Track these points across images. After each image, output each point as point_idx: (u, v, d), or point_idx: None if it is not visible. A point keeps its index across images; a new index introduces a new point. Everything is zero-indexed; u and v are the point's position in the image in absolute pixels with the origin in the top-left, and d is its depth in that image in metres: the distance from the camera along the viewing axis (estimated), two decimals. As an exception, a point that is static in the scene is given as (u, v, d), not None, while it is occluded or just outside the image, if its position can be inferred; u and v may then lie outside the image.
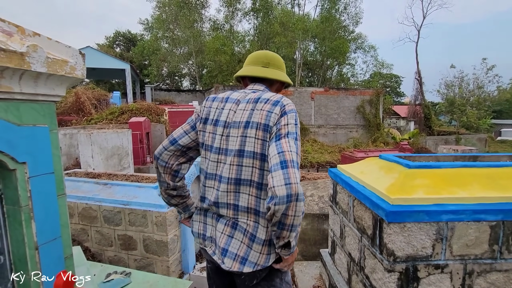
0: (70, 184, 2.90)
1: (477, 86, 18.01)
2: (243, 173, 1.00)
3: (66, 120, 8.76)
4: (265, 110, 1.00)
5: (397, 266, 1.29)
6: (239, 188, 1.02)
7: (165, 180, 1.16)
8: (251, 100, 1.05)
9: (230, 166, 1.02)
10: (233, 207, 1.03)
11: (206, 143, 1.10)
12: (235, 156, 1.01)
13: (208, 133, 1.10)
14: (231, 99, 1.10)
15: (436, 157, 1.89)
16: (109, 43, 27.89)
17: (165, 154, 1.13)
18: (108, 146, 4.93)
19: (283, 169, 0.87)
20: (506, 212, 1.26)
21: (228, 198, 1.03)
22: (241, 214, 1.03)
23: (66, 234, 1.17)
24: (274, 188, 0.84)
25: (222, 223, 1.06)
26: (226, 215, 1.05)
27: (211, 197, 1.08)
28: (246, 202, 1.02)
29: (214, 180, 1.08)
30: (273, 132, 0.97)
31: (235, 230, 1.02)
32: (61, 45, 1.08)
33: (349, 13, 21.54)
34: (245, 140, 1.00)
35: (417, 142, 13.51)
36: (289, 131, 0.95)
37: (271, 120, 0.98)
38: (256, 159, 0.99)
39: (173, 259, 2.49)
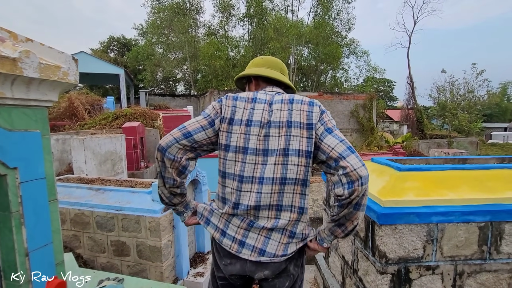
0: (62, 189, 2.86)
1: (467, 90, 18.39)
2: (289, 172, 1.01)
3: (59, 125, 8.65)
4: (304, 110, 1.03)
5: (389, 268, 1.30)
6: (284, 187, 1.02)
7: (172, 175, 1.05)
8: (285, 101, 1.06)
9: (274, 165, 1.01)
10: (276, 207, 1.03)
11: (237, 145, 1.04)
12: (280, 156, 1.01)
13: (239, 134, 1.04)
14: (260, 99, 1.08)
15: (426, 160, 1.92)
16: (103, 48, 27.76)
17: (175, 147, 1.02)
18: (101, 151, 4.88)
19: (353, 153, 0.95)
20: (493, 213, 1.29)
21: (271, 199, 1.01)
22: (283, 214, 1.03)
23: (57, 240, 1.16)
24: (356, 170, 0.91)
25: (258, 227, 1.03)
26: (267, 216, 1.03)
27: (249, 201, 1.02)
28: (290, 201, 1.03)
29: (252, 183, 1.02)
30: (319, 128, 1.02)
31: (272, 231, 1.03)
32: (54, 51, 1.08)
33: (342, 19, 21.92)
34: (289, 138, 1.01)
35: (410, 145, 13.68)
36: (334, 125, 1.04)
37: (314, 118, 1.02)
38: (302, 156, 1.01)
39: (167, 265, 2.46)
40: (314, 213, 2.89)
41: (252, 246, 1.03)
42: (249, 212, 1.03)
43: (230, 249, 1.05)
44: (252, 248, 1.03)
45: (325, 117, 1.04)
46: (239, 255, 1.04)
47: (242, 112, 1.06)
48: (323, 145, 0.99)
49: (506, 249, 1.32)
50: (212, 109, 1.09)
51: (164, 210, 2.48)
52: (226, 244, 1.05)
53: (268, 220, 1.03)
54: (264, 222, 1.03)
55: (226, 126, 1.06)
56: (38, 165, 1.06)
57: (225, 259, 1.07)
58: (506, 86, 35.10)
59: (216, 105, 1.09)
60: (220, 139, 1.07)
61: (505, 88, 35.09)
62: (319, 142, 1.01)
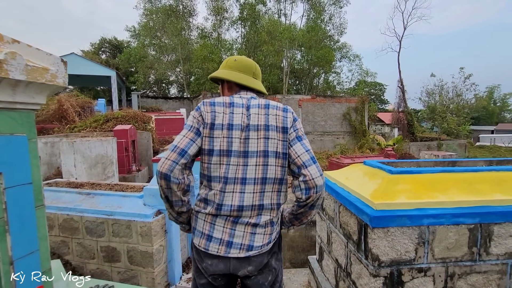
0: (50, 194, 2.79)
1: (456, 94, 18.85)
2: (269, 172, 1.09)
3: (47, 128, 8.46)
4: (279, 115, 1.13)
5: (382, 271, 1.31)
6: (265, 187, 1.10)
7: (180, 198, 1.08)
8: (261, 106, 1.14)
9: (256, 166, 1.08)
10: (258, 207, 1.10)
11: (221, 148, 1.08)
12: (261, 157, 1.09)
13: (221, 137, 1.08)
14: (237, 103, 1.14)
15: (417, 163, 1.95)
16: (95, 49, 27.40)
17: (177, 170, 1.03)
18: (91, 154, 4.79)
19: (315, 163, 1.09)
20: (482, 215, 1.31)
21: (254, 199, 1.09)
22: (265, 212, 1.12)
23: (44, 247, 1.12)
24: (314, 179, 1.05)
25: (243, 222, 1.09)
26: (250, 215, 1.09)
27: (233, 201, 1.07)
28: (270, 199, 1.12)
29: (235, 184, 1.08)
30: (291, 133, 1.13)
31: (256, 227, 1.10)
32: (41, 53, 1.06)
33: (334, 24, 22.23)
34: (268, 141, 1.09)
35: (401, 148, 13.90)
36: (303, 134, 1.16)
37: (288, 123, 1.13)
38: (279, 157, 1.10)
39: (159, 270, 2.42)
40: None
41: (240, 244, 1.08)
42: (232, 212, 1.08)
43: (218, 252, 1.08)
44: (240, 246, 1.08)
45: (297, 124, 1.15)
46: (228, 256, 1.08)
47: (222, 116, 1.10)
48: (291, 150, 1.11)
49: (495, 251, 1.35)
50: (193, 118, 1.12)
51: (156, 215, 2.44)
52: (213, 249, 1.08)
53: (250, 218, 1.10)
54: (247, 219, 1.10)
55: (208, 131, 1.09)
56: (24, 170, 1.02)
57: (207, 260, 1.10)
58: (492, 90, 36.16)
59: (196, 114, 1.13)
60: (203, 145, 1.09)
61: (491, 92, 36.15)
62: (289, 147, 1.12)
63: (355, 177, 1.76)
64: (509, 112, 41.09)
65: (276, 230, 1.17)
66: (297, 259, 2.90)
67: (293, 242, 2.92)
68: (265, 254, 1.11)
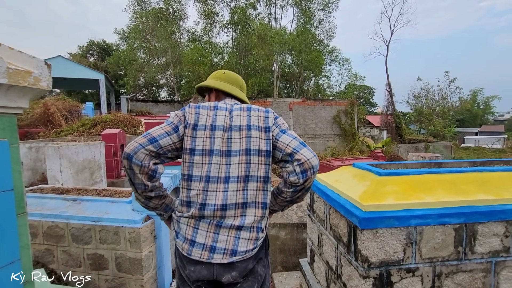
0: (34, 201, 2.70)
1: (441, 97, 19.41)
2: (251, 170, 1.10)
3: (32, 133, 8.21)
4: (261, 116, 1.17)
5: (371, 272, 1.32)
6: (248, 185, 1.10)
7: (142, 181, 1.06)
8: (243, 108, 1.19)
9: (238, 165, 1.10)
10: (241, 205, 1.10)
11: (203, 148, 1.10)
12: (243, 155, 1.10)
13: (203, 138, 1.11)
14: (221, 107, 1.18)
15: (405, 165, 1.99)
16: (83, 52, 26.91)
17: (141, 152, 1.04)
18: (78, 159, 4.67)
19: (305, 146, 1.10)
20: (467, 215, 1.35)
21: (237, 197, 1.09)
22: (249, 211, 1.11)
23: (26, 256, 1.08)
24: (309, 160, 1.05)
25: (227, 226, 1.08)
26: (234, 215, 1.09)
27: (216, 201, 1.08)
28: (254, 197, 1.11)
29: (218, 183, 1.09)
30: (275, 129, 1.16)
31: (240, 230, 1.09)
32: (24, 55, 1.03)
33: (324, 28, 22.59)
34: (250, 140, 1.11)
35: (390, 150, 14.18)
36: (287, 127, 1.19)
37: (270, 122, 1.16)
38: (262, 155, 1.12)
39: (148, 277, 2.37)
40: (298, 218, 2.90)
41: (224, 249, 1.06)
42: (215, 213, 1.07)
43: (201, 257, 1.06)
44: (224, 251, 1.06)
45: (279, 121, 1.19)
46: (211, 261, 1.06)
47: (205, 118, 1.14)
48: (279, 143, 1.12)
49: (480, 249, 1.38)
50: (175, 116, 1.15)
51: (145, 220, 2.39)
52: (195, 254, 1.07)
53: (234, 219, 1.09)
54: (231, 221, 1.08)
55: (190, 131, 1.11)
56: (5, 176, 0.99)
57: (190, 266, 1.09)
58: (476, 93, 37.45)
59: (179, 113, 1.16)
60: (185, 144, 1.11)
61: (475, 95, 37.42)
62: (276, 141, 1.13)
63: (344, 179, 1.78)
64: (492, 114, 42.60)
65: (262, 236, 1.14)
66: (288, 262, 2.89)
67: (285, 245, 2.91)
68: (249, 259, 1.10)
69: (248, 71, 20.94)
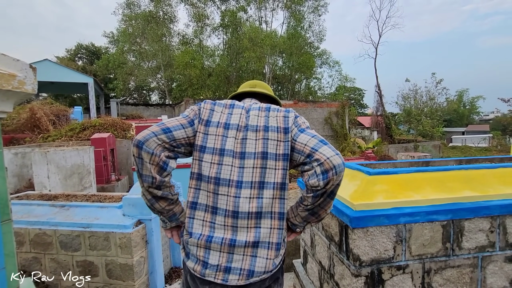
0: (20, 208, 2.62)
1: (429, 98, 19.85)
2: (267, 176, 1.00)
3: (18, 138, 7.99)
4: (280, 116, 1.06)
5: (363, 271, 1.34)
6: (263, 192, 0.99)
7: (151, 172, 0.95)
8: (262, 108, 1.09)
9: (253, 169, 0.99)
10: (255, 215, 0.98)
11: (214, 146, 1.02)
12: (259, 159, 1.00)
13: (215, 135, 1.03)
14: (238, 105, 1.10)
15: (394, 164, 2.03)
16: (71, 56, 26.42)
17: (153, 141, 0.95)
18: (67, 164, 4.57)
19: (326, 144, 0.96)
20: (454, 212, 1.38)
21: (250, 205, 0.98)
22: (264, 222, 1.00)
23: (11, 264, 1.05)
24: (330, 159, 0.91)
25: (241, 245, 0.97)
26: (247, 226, 0.98)
27: (227, 206, 0.98)
28: (269, 207, 1.00)
29: (229, 187, 0.99)
30: (294, 129, 1.04)
31: (257, 248, 0.99)
32: (7, 58, 1.01)
33: (314, 31, 22.86)
34: (267, 142, 1.01)
35: (381, 150, 14.39)
36: (308, 126, 1.08)
37: (289, 122, 1.04)
38: (279, 160, 1.00)
39: (140, 283, 2.33)
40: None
41: (240, 269, 0.97)
42: (227, 220, 0.98)
43: (215, 279, 0.97)
44: (240, 272, 0.97)
45: (299, 120, 1.07)
46: (226, 284, 0.96)
47: (219, 115, 1.06)
48: (297, 144, 1.00)
49: (467, 245, 1.41)
50: (191, 110, 1.09)
51: (136, 225, 2.35)
52: (209, 275, 0.98)
53: (248, 231, 0.98)
54: (244, 235, 0.98)
55: (202, 127, 1.04)
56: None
57: (203, 286, 1.00)
58: (462, 93, 38.51)
59: (194, 108, 1.09)
60: (196, 140, 1.03)
61: (461, 96, 38.48)
62: (293, 142, 1.01)
63: (335, 180, 1.80)
64: (477, 114, 43.89)
65: (282, 254, 1.04)
66: (282, 264, 2.90)
67: (278, 246, 2.91)
68: (266, 279, 1.00)
69: (240, 73, 20.97)
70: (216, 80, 19.68)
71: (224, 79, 20.21)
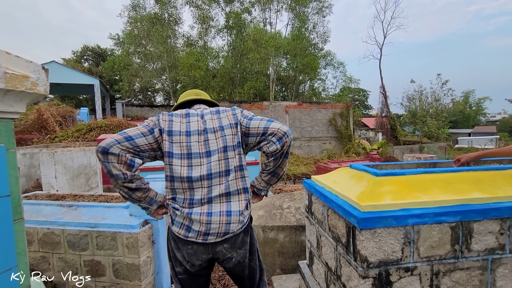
0: (29, 208, 2.66)
1: (434, 99, 19.70)
2: (230, 163, 1.27)
3: (26, 139, 8.11)
4: (230, 115, 1.33)
5: (370, 272, 1.33)
6: (229, 177, 1.26)
7: (121, 170, 1.12)
8: (213, 112, 1.34)
9: (218, 162, 1.25)
10: (225, 195, 1.26)
11: (181, 152, 1.23)
12: (221, 152, 1.26)
13: (179, 143, 1.24)
14: (192, 113, 1.32)
15: (401, 165, 2.01)
16: (77, 57, 26.77)
17: (117, 147, 1.11)
18: (74, 165, 4.63)
19: (273, 121, 1.29)
20: (463, 213, 1.37)
21: (220, 189, 1.24)
22: (233, 198, 1.28)
23: (23, 263, 1.07)
24: (278, 129, 1.25)
25: (217, 215, 1.23)
26: (219, 202, 1.25)
27: (202, 195, 1.23)
28: (235, 186, 1.28)
29: (202, 180, 1.23)
30: (243, 120, 1.32)
31: (230, 216, 1.25)
32: (21, 60, 1.03)
33: (318, 32, 22.83)
34: (226, 138, 1.27)
35: (386, 151, 14.30)
36: (253, 115, 1.36)
37: (238, 117, 1.33)
38: (235, 149, 1.29)
39: (146, 283, 2.34)
40: (297, 221, 2.90)
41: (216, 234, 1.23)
42: (203, 207, 1.23)
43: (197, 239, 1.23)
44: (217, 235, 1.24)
45: (245, 112, 1.36)
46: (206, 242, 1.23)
47: (179, 125, 1.27)
48: (250, 129, 1.29)
49: (476, 247, 1.40)
50: (150, 121, 1.28)
51: (143, 225, 2.37)
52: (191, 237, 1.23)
53: (221, 206, 1.26)
54: (218, 208, 1.25)
55: (166, 136, 1.24)
56: (1, 182, 0.98)
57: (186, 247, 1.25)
58: (468, 94, 38.05)
59: (153, 119, 1.29)
60: (163, 148, 1.24)
61: (467, 97, 38.02)
62: (247, 129, 1.30)
63: (342, 181, 1.80)
64: (484, 115, 43.28)
65: (247, 215, 1.33)
66: (287, 265, 2.89)
67: (283, 248, 2.91)
68: (239, 234, 1.28)
69: (244, 75, 21.03)
70: (220, 82, 19.76)
71: (229, 81, 20.27)
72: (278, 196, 3.51)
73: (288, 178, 11.14)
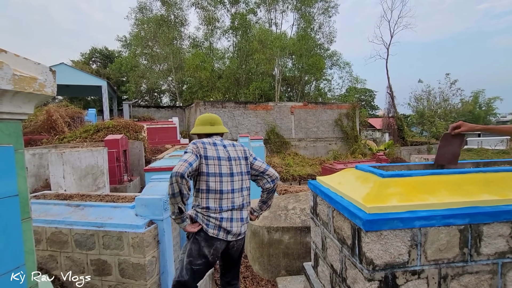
0: (38, 207, 2.71)
1: (443, 99, 19.38)
2: (244, 184, 1.90)
3: (36, 139, 8.27)
4: (241, 150, 1.96)
5: (376, 275, 1.31)
6: (243, 193, 1.89)
7: (187, 191, 1.63)
8: (230, 144, 1.94)
9: (239, 181, 1.86)
10: (242, 205, 1.87)
11: (215, 171, 1.77)
12: (240, 175, 1.87)
13: (213, 165, 1.77)
14: (217, 144, 1.87)
15: (407, 166, 1.98)
16: (85, 59, 27.19)
17: (187, 172, 1.61)
18: (81, 165, 4.70)
19: (270, 168, 2.00)
20: (472, 216, 1.34)
21: (239, 201, 1.85)
22: (244, 209, 1.89)
23: (31, 261, 1.08)
24: (274, 174, 1.98)
25: (237, 220, 1.83)
26: (239, 210, 1.85)
27: (227, 204, 1.79)
28: (247, 200, 1.93)
29: (227, 193, 1.80)
30: (250, 158, 1.98)
31: (242, 222, 1.87)
32: (29, 62, 1.05)
33: (324, 32, 22.74)
34: (241, 166, 1.90)
35: (392, 152, 14.12)
36: (255, 156, 2.05)
37: (246, 154, 1.98)
38: (247, 174, 1.94)
39: (151, 283, 2.36)
40: (302, 222, 2.88)
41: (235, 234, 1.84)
42: (227, 210, 1.81)
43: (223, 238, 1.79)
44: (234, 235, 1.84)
45: (250, 151, 2.01)
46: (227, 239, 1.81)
47: (211, 152, 1.81)
48: (254, 166, 1.97)
49: (486, 251, 1.36)
50: (192, 148, 1.77)
51: (148, 225, 2.39)
52: (221, 235, 1.78)
53: (240, 213, 1.87)
54: (238, 215, 1.86)
55: (204, 160, 1.76)
56: (10, 182, 1.00)
57: (216, 243, 1.78)
58: (477, 94, 37.27)
59: (193, 147, 1.78)
60: (201, 169, 1.76)
61: (476, 97, 37.24)
62: (252, 165, 1.96)
63: (347, 182, 1.78)
64: (494, 115, 42.35)
65: (248, 221, 1.96)
66: (292, 267, 2.87)
67: (288, 249, 2.89)
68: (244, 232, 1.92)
69: (249, 75, 21.05)
70: (226, 82, 19.83)
71: (234, 81, 20.32)
72: (283, 197, 3.49)
73: (294, 179, 11.09)
